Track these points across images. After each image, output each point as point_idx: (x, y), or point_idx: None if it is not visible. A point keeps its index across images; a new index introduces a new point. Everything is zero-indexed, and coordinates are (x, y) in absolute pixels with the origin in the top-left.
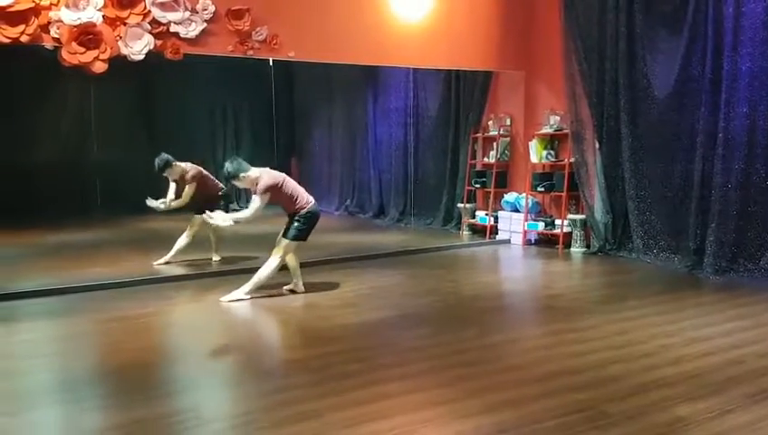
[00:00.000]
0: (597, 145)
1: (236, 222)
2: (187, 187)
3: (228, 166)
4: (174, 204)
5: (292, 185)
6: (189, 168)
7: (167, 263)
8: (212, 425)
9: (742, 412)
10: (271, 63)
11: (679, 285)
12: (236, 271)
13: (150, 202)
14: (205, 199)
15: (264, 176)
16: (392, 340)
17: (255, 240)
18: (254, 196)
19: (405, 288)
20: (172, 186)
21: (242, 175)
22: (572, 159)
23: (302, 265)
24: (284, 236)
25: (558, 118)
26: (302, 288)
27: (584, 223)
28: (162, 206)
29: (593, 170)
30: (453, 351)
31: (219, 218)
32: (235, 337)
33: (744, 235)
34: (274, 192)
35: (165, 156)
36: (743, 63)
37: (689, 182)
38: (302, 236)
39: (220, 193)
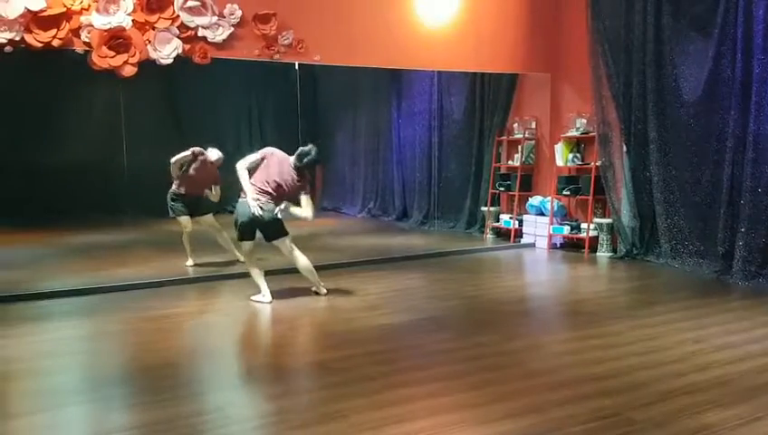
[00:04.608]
0: (624, 148)
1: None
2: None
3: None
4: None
5: (261, 175)
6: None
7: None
8: (239, 425)
9: None
10: (297, 67)
11: (707, 290)
12: (265, 272)
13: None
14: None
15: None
16: (415, 343)
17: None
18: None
19: (428, 291)
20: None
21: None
22: (599, 163)
23: (326, 268)
24: None
25: (584, 121)
26: (323, 291)
27: (611, 227)
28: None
29: (620, 174)
30: (476, 355)
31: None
32: (261, 338)
33: None
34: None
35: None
36: None
37: (718, 186)
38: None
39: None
